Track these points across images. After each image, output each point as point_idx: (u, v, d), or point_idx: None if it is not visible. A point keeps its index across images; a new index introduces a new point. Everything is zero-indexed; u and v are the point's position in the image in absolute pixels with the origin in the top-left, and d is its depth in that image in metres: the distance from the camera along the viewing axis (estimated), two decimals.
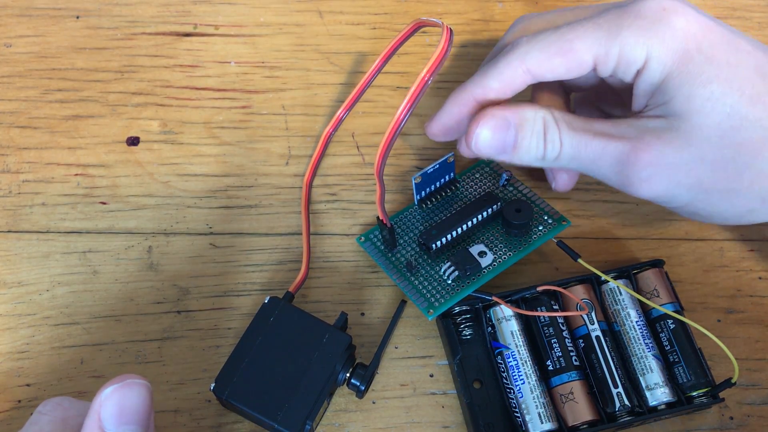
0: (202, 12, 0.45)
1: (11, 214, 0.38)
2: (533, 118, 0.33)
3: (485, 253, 0.35)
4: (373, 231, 0.37)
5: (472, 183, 0.39)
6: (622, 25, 0.32)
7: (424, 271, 0.36)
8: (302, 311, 0.34)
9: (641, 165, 0.32)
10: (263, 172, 0.40)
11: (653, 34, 0.32)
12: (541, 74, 0.34)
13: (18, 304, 0.36)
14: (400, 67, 0.43)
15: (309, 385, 0.32)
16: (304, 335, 0.33)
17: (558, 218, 0.37)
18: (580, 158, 0.33)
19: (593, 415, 0.32)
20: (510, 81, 0.34)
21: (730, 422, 0.34)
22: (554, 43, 0.33)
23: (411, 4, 0.46)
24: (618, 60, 0.32)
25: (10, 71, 0.42)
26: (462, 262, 0.35)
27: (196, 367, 0.35)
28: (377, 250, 0.37)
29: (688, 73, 0.31)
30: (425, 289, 0.35)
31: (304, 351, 0.32)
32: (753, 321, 0.37)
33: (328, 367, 0.32)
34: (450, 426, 0.34)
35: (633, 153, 0.32)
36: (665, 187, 0.32)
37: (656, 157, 0.31)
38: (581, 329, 0.34)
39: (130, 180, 0.39)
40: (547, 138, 0.33)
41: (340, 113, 0.40)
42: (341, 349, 0.32)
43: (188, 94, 0.42)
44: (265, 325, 0.33)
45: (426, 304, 0.34)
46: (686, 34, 0.31)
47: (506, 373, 0.33)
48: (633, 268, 0.36)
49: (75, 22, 0.44)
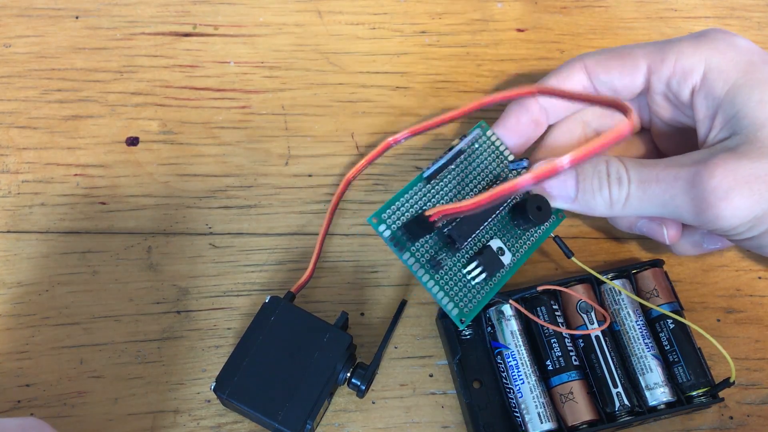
0: (201, 12, 0.45)
1: (11, 215, 0.38)
2: (594, 160, 0.32)
3: (503, 250, 0.34)
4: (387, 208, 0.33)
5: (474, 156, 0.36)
6: (681, 40, 0.32)
7: (447, 267, 0.33)
8: (303, 311, 0.33)
9: (717, 180, 0.29)
10: (263, 172, 0.40)
11: (712, 47, 0.31)
12: (596, 72, 0.34)
13: (18, 305, 0.36)
14: (401, 67, 0.43)
15: (310, 384, 0.32)
16: (304, 335, 0.33)
17: (555, 211, 0.36)
18: (652, 194, 0.31)
19: (593, 415, 0.32)
20: (566, 76, 0.35)
21: (730, 422, 0.34)
22: (612, 49, 0.34)
23: (411, 4, 0.46)
24: (674, 69, 0.32)
25: (9, 71, 0.42)
26: (489, 264, 0.33)
27: (196, 367, 0.35)
28: (394, 236, 0.33)
29: (757, 81, 0.30)
30: (452, 290, 0.33)
31: (304, 350, 0.32)
32: (752, 321, 0.37)
33: (328, 367, 0.32)
34: (450, 426, 0.34)
35: (706, 170, 0.30)
36: (747, 204, 0.30)
37: (733, 170, 0.29)
38: (581, 329, 0.34)
39: (129, 180, 0.39)
40: (611, 176, 0.31)
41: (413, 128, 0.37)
42: (342, 349, 0.32)
43: (188, 94, 0.42)
44: (266, 324, 0.33)
45: (457, 311, 0.32)
46: (750, 48, 0.31)
47: (506, 373, 0.33)
48: (633, 268, 0.36)
49: (74, 22, 0.44)
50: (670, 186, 0.30)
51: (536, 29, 0.45)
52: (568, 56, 0.44)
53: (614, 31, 0.45)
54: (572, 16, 0.45)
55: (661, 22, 0.45)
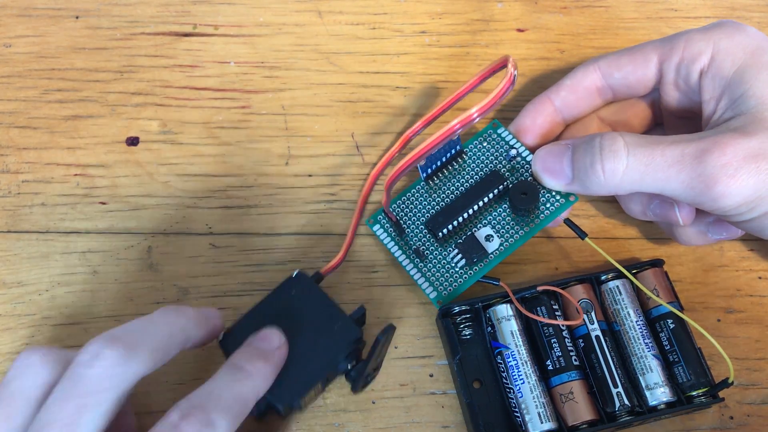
0: (201, 12, 0.45)
1: (11, 214, 0.38)
2: (590, 137, 0.32)
3: (492, 237, 0.35)
4: (380, 212, 0.38)
5: (480, 154, 0.38)
6: (690, 30, 0.33)
7: (432, 257, 0.36)
8: (325, 294, 0.33)
9: (728, 157, 0.29)
10: (263, 172, 0.40)
11: (720, 32, 0.32)
12: (610, 71, 0.35)
13: (18, 305, 0.36)
14: (401, 67, 0.43)
15: (308, 364, 0.32)
16: (318, 317, 0.33)
17: (566, 194, 0.36)
18: (656, 167, 0.31)
19: (593, 415, 0.32)
20: (581, 77, 0.36)
21: (730, 422, 0.34)
22: (623, 49, 0.36)
23: (410, 4, 0.46)
24: (683, 54, 0.33)
25: (9, 71, 0.42)
26: (468, 250, 0.35)
27: (196, 367, 0.35)
28: (386, 233, 0.37)
29: (765, 63, 0.31)
30: (434, 276, 0.35)
31: (313, 331, 0.32)
32: (753, 321, 0.37)
33: (331, 354, 0.32)
34: (450, 426, 0.34)
35: (717, 147, 0.29)
36: (753, 182, 0.30)
37: (743, 148, 0.29)
38: (581, 329, 0.34)
39: (129, 180, 0.39)
40: (605, 150, 0.31)
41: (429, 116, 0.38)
42: (349, 341, 0.32)
43: (188, 94, 0.42)
44: (285, 297, 0.33)
45: (435, 294, 0.35)
46: (758, 35, 0.32)
47: (506, 373, 0.33)
48: (633, 268, 0.36)
49: (74, 22, 0.44)
50: (676, 161, 0.30)
51: (536, 29, 0.45)
52: (568, 56, 0.44)
53: (614, 31, 0.45)
54: (572, 16, 0.45)
55: (661, 22, 0.45)
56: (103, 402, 0.26)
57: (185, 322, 0.30)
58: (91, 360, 0.26)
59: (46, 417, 0.26)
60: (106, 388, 0.26)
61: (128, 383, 0.27)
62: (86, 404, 0.26)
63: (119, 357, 0.27)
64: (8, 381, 0.27)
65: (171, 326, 0.29)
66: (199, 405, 0.27)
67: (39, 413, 0.26)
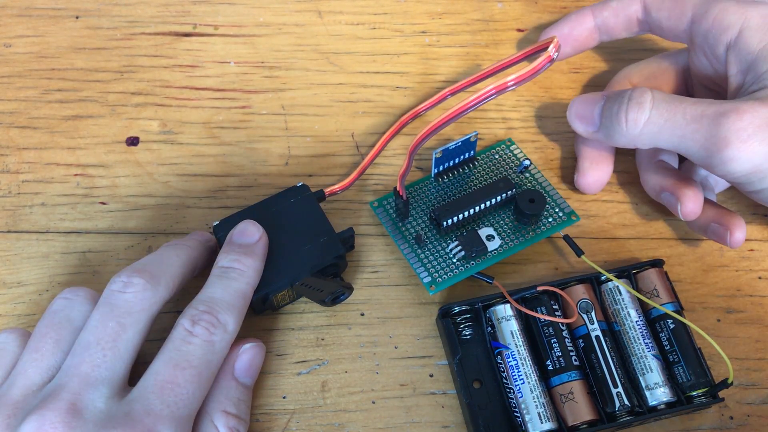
0: (201, 12, 0.45)
1: (11, 214, 0.38)
2: (624, 90, 0.34)
3: (493, 237, 0.36)
4: (387, 198, 0.38)
5: (491, 164, 0.39)
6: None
7: (431, 246, 0.36)
8: (320, 210, 0.36)
9: (745, 122, 0.30)
10: (263, 172, 0.40)
11: (752, 9, 0.33)
12: (651, 8, 0.37)
13: (18, 304, 0.36)
14: (401, 67, 0.43)
15: (288, 266, 0.34)
16: (309, 227, 0.35)
17: (569, 213, 0.37)
18: (675, 123, 0.32)
19: (593, 415, 0.32)
20: (627, 4, 0.38)
21: (730, 422, 0.34)
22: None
23: (410, 4, 0.46)
24: (712, 23, 0.33)
25: (9, 71, 0.42)
26: (469, 243, 0.35)
27: None
28: (389, 217, 0.37)
29: None
30: (430, 264, 0.36)
31: (300, 239, 0.35)
32: (752, 321, 0.37)
33: (312, 261, 0.34)
34: (450, 426, 0.34)
35: (736, 113, 0.30)
36: (765, 151, 0.30)
37: (759, 116, 0.30)
38: (581, 329, 0.34)
39: (129, 180, 0.39)
40: (632, 100, 0.33)
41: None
42: (330, 256, 0.34)
43: (188, 94, 0.42)
44: (283, 203, 0.36)
45: (429, 279, 0.35)
46: None
47: (506, 373, 0.33)
48: (633, 268, 0.36)
49: (74, 22, 0.44)
50: (695, 120, 0.31)
51: (536, 29, 0.45)
52: None
53: None
54: None
55: None
56: (138, 321, 0.30)
57: (190, 251, 0.33)
58: (124, 287, 0.30)
59: (90, 336, 0.29)
60: (141, 310, 0.30)
61: (157, 306, 0.31)
62: (125, 324, 0.30)
63: (147, 283, 0.30)
64: (55, 311, 0.31)
65: (180, 257, 0.33)
66: (205, 310, 0.30)
67: (81, 334, 0.30)
